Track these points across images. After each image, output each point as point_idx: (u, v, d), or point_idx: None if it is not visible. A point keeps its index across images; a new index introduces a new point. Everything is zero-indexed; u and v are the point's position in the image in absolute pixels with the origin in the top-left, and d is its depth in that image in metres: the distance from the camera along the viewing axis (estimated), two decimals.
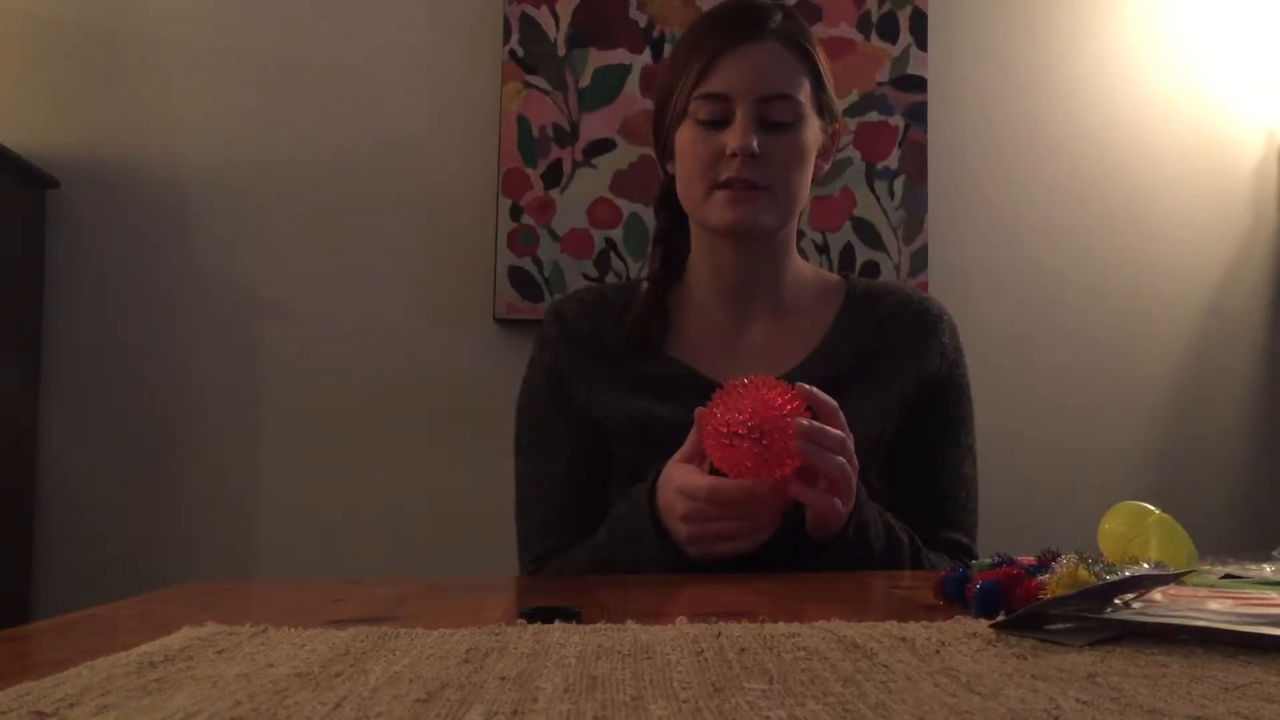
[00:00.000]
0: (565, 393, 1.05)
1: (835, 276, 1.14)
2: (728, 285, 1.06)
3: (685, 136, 1.02)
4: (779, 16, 1.02)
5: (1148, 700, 0.39)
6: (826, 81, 1.04)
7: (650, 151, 1.90)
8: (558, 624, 0.56)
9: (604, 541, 0.95)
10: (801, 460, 0.80)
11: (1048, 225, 2.09)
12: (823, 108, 1.04)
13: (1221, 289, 2.13)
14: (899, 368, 1.05)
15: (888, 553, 0.93)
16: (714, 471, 0.83)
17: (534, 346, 1.10)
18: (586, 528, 0.99)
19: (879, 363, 1.04)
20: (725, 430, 0.79)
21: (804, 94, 1.01)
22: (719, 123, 0.99)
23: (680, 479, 0.84)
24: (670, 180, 1.08)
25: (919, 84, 2.00)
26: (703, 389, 0.92)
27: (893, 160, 1.98)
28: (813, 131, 1.03)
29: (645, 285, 1.10)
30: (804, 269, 1.12)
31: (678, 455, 0.87)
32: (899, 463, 1.04)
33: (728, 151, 0.98)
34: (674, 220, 1.10)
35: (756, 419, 0.78)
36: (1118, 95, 2.12)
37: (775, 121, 0.99)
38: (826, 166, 1.10)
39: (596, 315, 1.07)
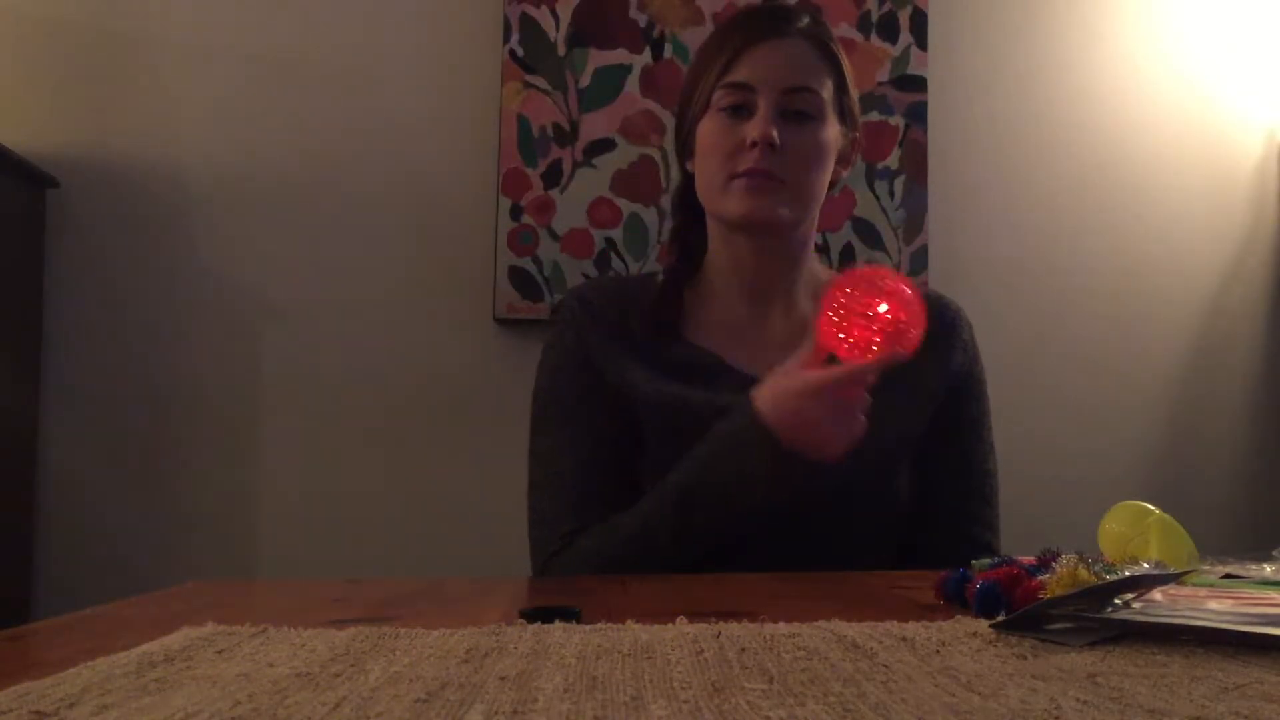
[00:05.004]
0: (593, 373, 1.03)
1: None
2: (746, 280, 1.06)
3: (707, 127, 1.02)
4: (806, 19, 1.04)
5: (1148, 700, 0.39)
6: (850, 87, 1.05)
7: (650, 151, 1.92)
8: (558, 624, 0.56)
9: (681, 480, 0.92)
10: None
11: (1047, 225, 2.09)
12: (844, 112, 1.05)
13: (1221, 288, 2.13)
14: (924, 365, 1.05)
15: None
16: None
17: (554, 330, 1.08)
18: (615, 509, 0.97)
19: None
20: (864, 311, 0.82)
21: (826, 92, 1.02)
22: (742, 113, 1.00)
23: (805, 375, 0.85)
24: (688, 179, 1.09)
25: (919, 84, 2.00)
26: (729, 376, 0.92)
27: (893, 160, 1.98)
28: (833, 132, 1.03)
29: (661, 278, 1.10)
30: (820, 270, 1.13)
31: (784, 372, 0.88)
32: (927, 462, 1.05)
33: (748, 141, 0.98)
34: (691, 218, 1.11)
35: (894, 301, 0.82)
36: (1118, 95, 2.12)
37: (797, 113, 1.00)
38: (846, 174, 1.10)
39: (619, 301, 1.07)
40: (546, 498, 1.03)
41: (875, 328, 0.82)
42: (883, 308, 0.82)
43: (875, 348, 0.82)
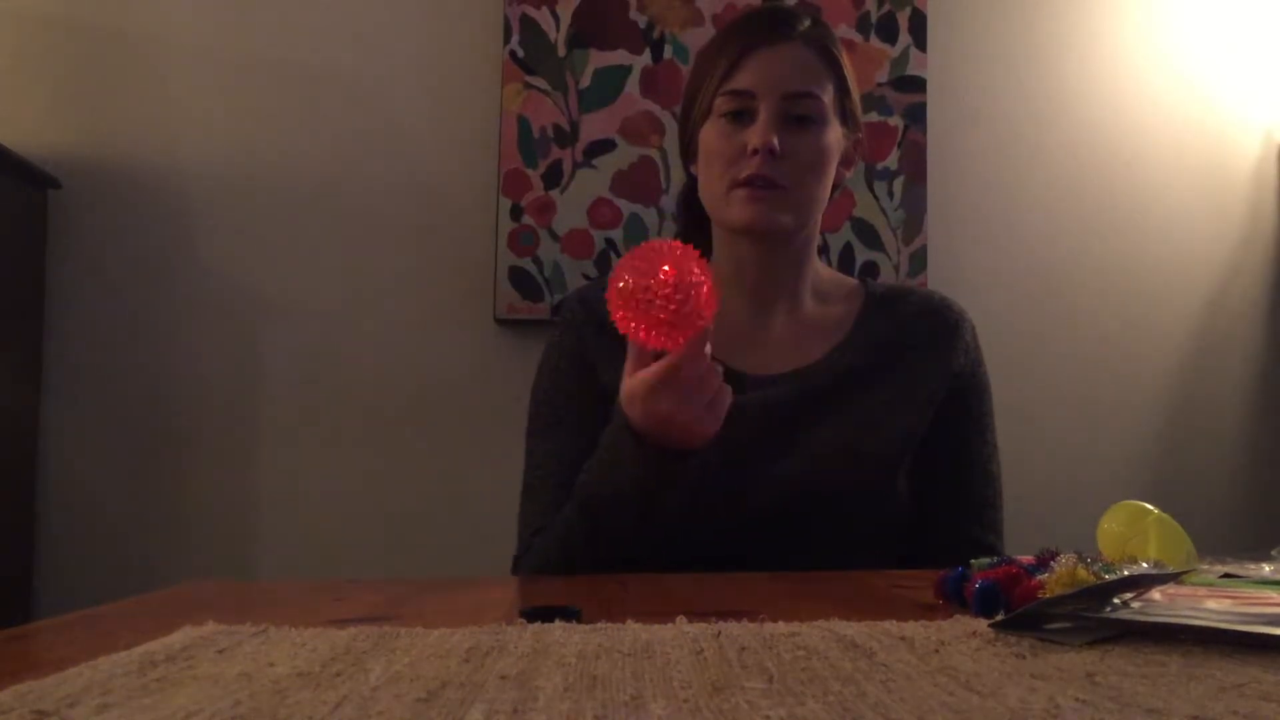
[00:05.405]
0: (590, 377, 1.04)
1: (852, 280, 1.15)
2: (749, 284, 1.06)
3: (709, 134, 1.02)
4: (807, 22, 1.04)
5: (1146, 699, 0.39)
6: (852, 89, 1.05)
7: (650, 152, 1.92)
8: (558, 623, 0.56)
9: (584, 481, 0.93)
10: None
11: (1047, 225, 2.09)
12: (846, 115, 1.05)
13: (1220, 288, 2.13)
14: (925, 366, 1.05)
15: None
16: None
17: (554, 331, 1.09)
18: None
19: (904, 359, 1.05)
20: (642, 293, 0.78)
21: (828, 96, 1.01)
22: (743, 120, 1.00)
23: (639, 377, 0.83)
24: (693, 181, 1.09)
25: (918, 85, 2.00)
26: (731, 378, 0.92)
27: (892, 161, 1.98)
28: (834, 135, 1.03)
29: None
30: (823, 271, 1.13)
31: (627, 370, 0.86)
32: (929, 463, 1.05)
33: (749, 148, 0.98)
34: (695, 221, 1.11)
35: (670, 279, 0.78)
36: (1116, 95, 2.12)
37: (798, 119, 1.00)
38: (849, 175, 1.10)
39: None
40: (529, 497, 1.04)
41: (664, 302, 0.78)
42: (665, 268, 0.78)
43: (670, 319, 0.78)
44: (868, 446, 1.00)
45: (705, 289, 0.79)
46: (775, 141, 0.97)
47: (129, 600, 0.72)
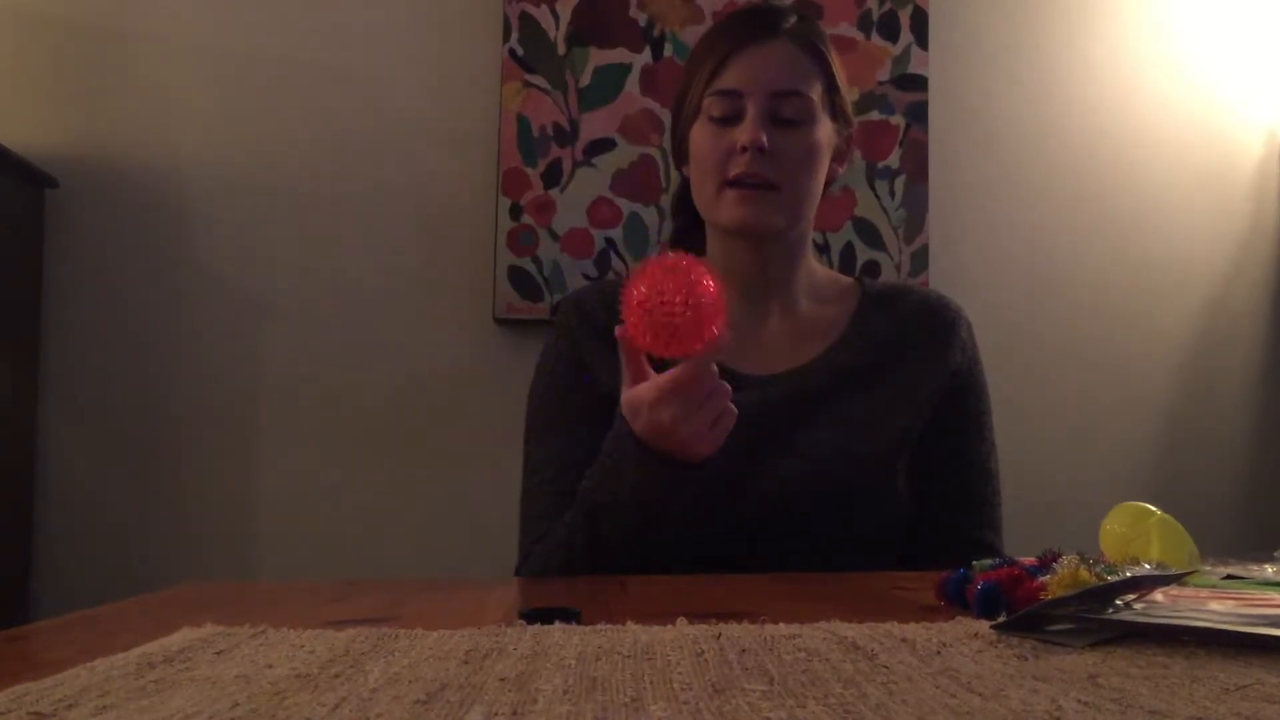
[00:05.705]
0: (585, 380, 1.04)
1: (848, 279, 1.15)
2: (743, 284, 1.06)
3: (698, 135, 1.03)
4: (794, 19, 1.04)
5: (1149, 701, 0.39)
6: (840, 85, 1.05)
7: (650, 151, 1.92)
8: (557, 625, 0.56)
9: (586, 487, 0.92)
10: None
11: (1049, 224, 2.09)
12: (836, 111, 1.05)
13: (1222, 288, 2.13)
14: (923, 364, 1.05)
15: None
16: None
17: (550, 335, 1.10)
18: None
19: (902, 358, 1.05)
20: (654, 301, 0.79)
21: (816, 93, 1.01)
22: (731, 120, 1.00)
23: (645, 386, 0.83)
24: (686, 182, 1.09)
25: (920, 83, 2.00)
26: (727, 378, 0.92)
27: (893, 159, 1.98)
28: (825, 132, 1.03)
29: None
30: (818, 270, 1.13)
31: (627, 382, 0.85)
32: (928, 462, 1.05)
33: (738, 147, 0.98)
34: (689, 222, 1.11)
35: (684, 290, 0.78)
36: (1118, 94, 2.12)
37: (786, 119, 1.00)
38: (842, 170, 1.10)
39: (615, 307, 1.07)
40: (528, 503, 1.04)
41: (677, 309, 0.78)
42: (707, 283, 0.79)
43: (681, 329, 0.79)
44: (865, 446, 1.00)
45: (717, 308, 0.79)
46: (763, 139, 0.98)
47: (128, 601, 0.72)
